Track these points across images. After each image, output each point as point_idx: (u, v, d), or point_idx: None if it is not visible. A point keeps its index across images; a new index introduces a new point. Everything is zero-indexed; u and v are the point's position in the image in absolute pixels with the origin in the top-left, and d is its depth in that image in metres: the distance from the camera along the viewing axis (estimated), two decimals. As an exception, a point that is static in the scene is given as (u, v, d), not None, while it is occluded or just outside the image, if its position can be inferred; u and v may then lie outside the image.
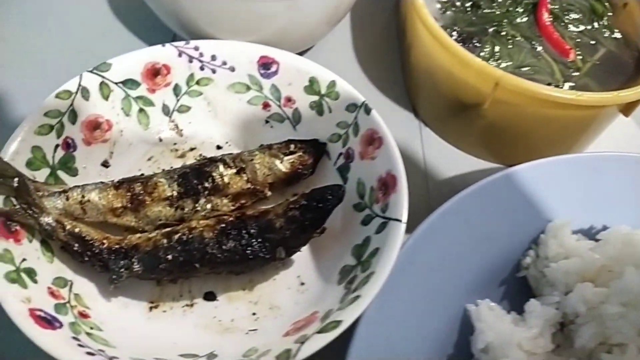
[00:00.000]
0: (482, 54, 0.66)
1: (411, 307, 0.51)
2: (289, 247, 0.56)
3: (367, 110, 0.60)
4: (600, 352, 0.50)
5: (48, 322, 0.48)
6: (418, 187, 0.69)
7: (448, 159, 0.72)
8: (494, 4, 0.71)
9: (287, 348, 0.47)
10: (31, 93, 0.61)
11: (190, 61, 0.65)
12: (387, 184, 0.56)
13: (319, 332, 0.47)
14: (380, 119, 0.59)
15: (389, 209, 0.54)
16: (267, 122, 0.68)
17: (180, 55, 0.65)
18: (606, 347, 0.51)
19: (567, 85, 0.65)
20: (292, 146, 0.63)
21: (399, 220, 0.52)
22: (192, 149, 0.67)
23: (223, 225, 0.56)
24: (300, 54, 0.69)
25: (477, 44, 0.67)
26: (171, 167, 0.63)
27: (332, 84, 0.63)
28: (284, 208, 0.57)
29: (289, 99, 0.66)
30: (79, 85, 0.60)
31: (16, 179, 0.54)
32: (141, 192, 0.59)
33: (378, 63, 0.81)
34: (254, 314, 0.56)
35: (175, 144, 0.67)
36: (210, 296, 0.58)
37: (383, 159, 0.57)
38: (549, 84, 0.63)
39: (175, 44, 0.64)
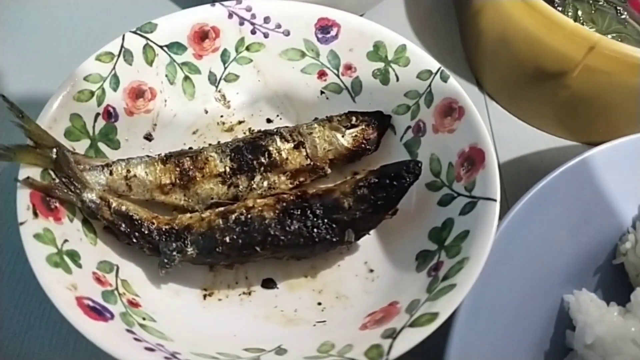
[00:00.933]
0: (564, 18, 0.59)
1: (508, 298, 0.45)
2: (358, 230, 0.50)
3: (444, 78, 0.54)
4: None
5: (98, 312, 0.42)
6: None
7: (519, 136, 0.65)
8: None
9: (375, 343, 0.41)
10: (68, 57, 0.55)
11: (241, 23, 0.59)
12: (472, 159, 0.50)
13: (411, 325, 0.41)
14: (459, 86, 0.53)
15: (477, 187, 0.48)
16: (322, 93, 0.61)
17: (230, 16, 0.58)
18: None
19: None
20: (354, 119, 0.57)
21: (493, 200, 0.46)
22: (240, 122, 0.61)
23: (284, 204, 0.50)
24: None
25: (559, 8, 0.60)
26: (218, 142, 0.57)
27: (402, 48, 0.56)
28: (352, 186, 0.50)
29: (348, 67, 0.59)
30: (122, 47, 0.54)
31: (55, 150, 0.48)
32: (191, 167, 0.53)
33: (434, 31, 0.74)
34: (319, 303, 0.50)
35: (222, 116, 0.61)
36: (269, 284, 0.52)
37: (465, 131, 0.51)
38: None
39: (226, 3, 0.58)
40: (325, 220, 0.49)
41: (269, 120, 0.61)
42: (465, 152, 0.51)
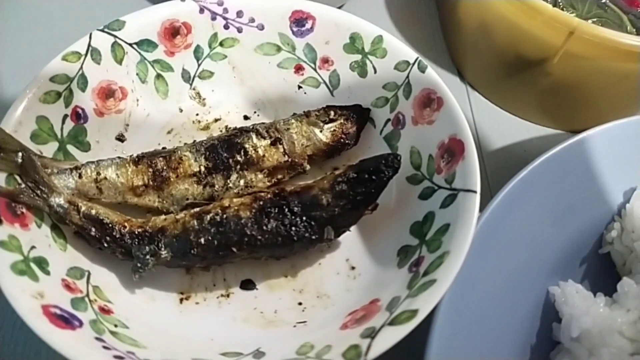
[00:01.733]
0: (544, 3, 0.58)
1: (492, 292, 0.43)
2: (337, 227, 0.49)
3: (422, 68, 0.52)
4: None
5: (65, 320, 0.40)
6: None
7: (501, 126, 0.64)
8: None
9: (353, 344, 0.39)
10: (34, 57, 0.53)
11: (214, 18, 0.57)
12: (452, 151, 0.48)
13: (391, 323, 0.40)
14: (438, 77, 0.52)
15: (457, 179, 0.47)
16: (300, 87, 0.60)
17: (201, 11, 0.56)
18: None
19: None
20: (332, 113, 0.56)
21: (473, 191, 0.45)
22: (216, 120, 0.59)
23: (261, 203, 0.48)
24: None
25: (538, -7, 0.59)
26: (193, 141, 0.55)
27: (379, 39, 0.55)
28: (330, 182, 0.49)
29: (325, 60, 0.58)
30: (89, 45, 0.52)
31: (20, 154, 0.46)
32: (164, 167, 0.51)
33: (414, 21, 0.73)
34: (300, 303, 0.49)
35: (197, 114, 0.59)
36: (248, 284, 0.50)
37: (444, 122, 0.50)
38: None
39: (196, -3, 0.56)
40: (304, 218, 0.48)
41: (246, 117, 0.60)
42: (445, 143, 0.49)
